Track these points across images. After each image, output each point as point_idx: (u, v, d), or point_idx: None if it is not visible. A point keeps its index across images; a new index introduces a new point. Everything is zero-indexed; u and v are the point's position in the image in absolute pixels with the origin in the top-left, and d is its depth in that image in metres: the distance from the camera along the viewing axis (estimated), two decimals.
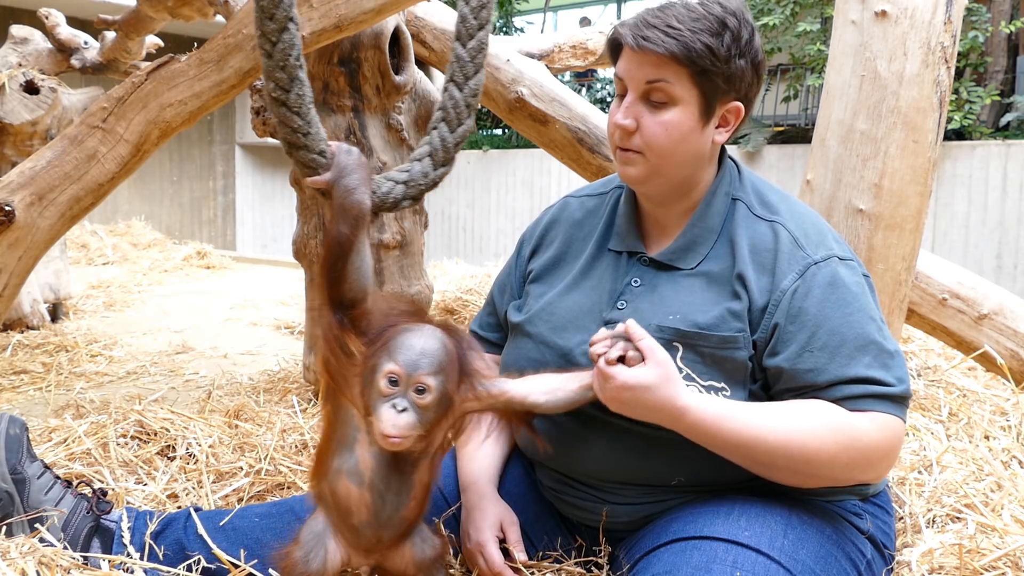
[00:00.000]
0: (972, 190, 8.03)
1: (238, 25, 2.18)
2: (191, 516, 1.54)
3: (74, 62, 4.64)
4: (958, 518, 1.69)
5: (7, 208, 2.12)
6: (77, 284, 5.59)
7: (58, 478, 1.58)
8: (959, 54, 7.65)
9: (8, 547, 1.39)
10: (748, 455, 1.30)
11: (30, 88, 4.01)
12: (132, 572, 1.45)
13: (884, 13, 1.98)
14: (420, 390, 1.20)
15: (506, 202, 10.98)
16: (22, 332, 4.14)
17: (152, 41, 4.91)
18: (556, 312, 1.51)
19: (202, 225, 11.75)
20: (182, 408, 2.56)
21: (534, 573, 1.48)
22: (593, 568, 1.51)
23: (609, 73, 11.84)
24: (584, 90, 12.30)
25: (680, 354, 1.37)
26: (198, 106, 2.22)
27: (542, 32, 12.85)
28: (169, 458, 2.17)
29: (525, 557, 1.46)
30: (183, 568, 1.45)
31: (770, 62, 9.35)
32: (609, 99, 12.07)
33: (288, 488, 2.04)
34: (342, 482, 1.28)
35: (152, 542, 1.50)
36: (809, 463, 1.28)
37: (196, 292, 6.20)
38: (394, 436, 1.18)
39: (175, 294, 6.04)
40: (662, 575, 1.24)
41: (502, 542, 1.46)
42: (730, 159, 1.52)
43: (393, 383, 1.20)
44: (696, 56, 1.32)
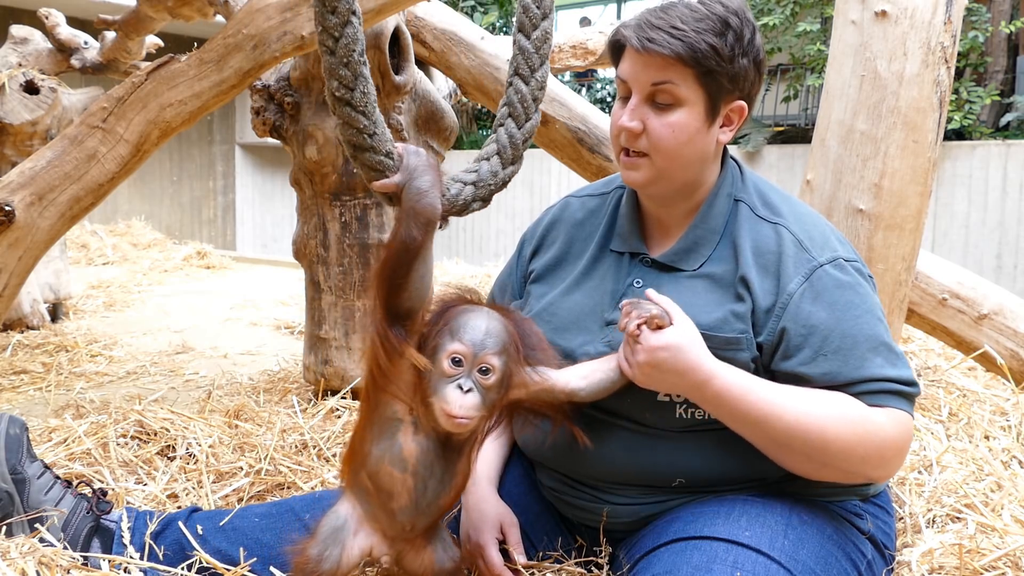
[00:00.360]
0: (972, 190, 8.02)
1: (238, 25, 2.18)
2: (190, 518, 1.54)
3: (74, 62, 4.64)
4: (958, 518, 1.69)
5: (7, 208, 2.12)
6: (77, 284, 5.59)
7: (58, 478, 1.58)
8: (959, 54, 7.63)
9: (8, 547, 1.39)
10: (766, 432, 1.29)
11: (30, 88, 4.01)
12: (131, 572, 1.45)
13: (884, 13, 1.98)
14: (484, 370, 1.19)
15: (506, 202, 10.94)
16: (22, 332, 4.14)
17: (152, 41, 4.91)
18: (558, 313, 1.50)
19: (202, 225, 11.75)
20: (182, 408, 2.56)
21: (534, 573, 1.48)
22: (593, 568, 1.50)
23: (609, 73, 11.82)
24: (584, 90, 12.28)
25: None
26: (198, 106, 2.22)
27: None
28: (169, 458, 2.17)
29: (525, 559, 1.45)
30: (183, 568, 1.45)
31: (770, 62, 9.34)
32: (609, 99, 12.06)
33: (288, 488, 2.04)
34: (384, 468, 1.26)
35: (152, 542, 1.50)
36: (826, 450, 1.28)
37: (196, 292, 6.20)
38: (460, 416, 1.17)
39: (175, 294, 6.04)
40: (662, 575, 1.24)
41: (502, 543, 1.46)
42: (732, 159, 1.51)
43: (457, 363, 1.19)
44: (701, 57, 1.32)
